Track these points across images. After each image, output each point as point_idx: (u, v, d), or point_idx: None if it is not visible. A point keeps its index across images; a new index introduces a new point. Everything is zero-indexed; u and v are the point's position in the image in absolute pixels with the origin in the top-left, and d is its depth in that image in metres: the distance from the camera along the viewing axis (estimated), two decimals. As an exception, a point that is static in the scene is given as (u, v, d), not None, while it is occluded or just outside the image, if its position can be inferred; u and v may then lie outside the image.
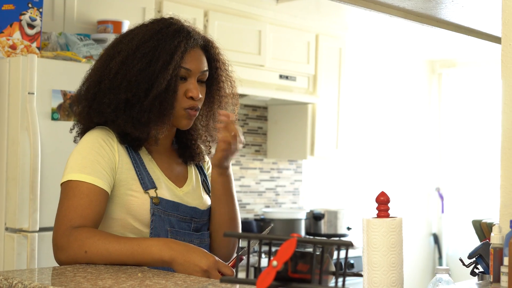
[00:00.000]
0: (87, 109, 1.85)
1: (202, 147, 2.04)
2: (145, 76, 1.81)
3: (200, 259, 1.67)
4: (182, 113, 1.87)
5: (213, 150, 2.05)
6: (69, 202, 1.75)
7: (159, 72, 1.81)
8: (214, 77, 1.96)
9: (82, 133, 1.90)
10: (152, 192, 1.83)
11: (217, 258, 1.71)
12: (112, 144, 1.83)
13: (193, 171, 2.01)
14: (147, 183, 1.84)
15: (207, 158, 2.10)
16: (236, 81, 2.05)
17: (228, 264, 1.81)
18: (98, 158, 1.79)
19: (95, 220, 1.76)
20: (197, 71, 1.88)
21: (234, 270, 1.69)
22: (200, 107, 1.92)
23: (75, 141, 1.94)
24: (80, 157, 1.80)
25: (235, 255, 1.99)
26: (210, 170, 2.08)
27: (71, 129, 1.95)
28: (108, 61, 1.87)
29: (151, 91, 1.80)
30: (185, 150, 2.00)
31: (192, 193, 1.95)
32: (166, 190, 1.88)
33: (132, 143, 1.85)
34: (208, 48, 1.95)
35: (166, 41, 1.84)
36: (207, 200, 2.00)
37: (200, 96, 1.88)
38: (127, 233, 1.83)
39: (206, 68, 1.91)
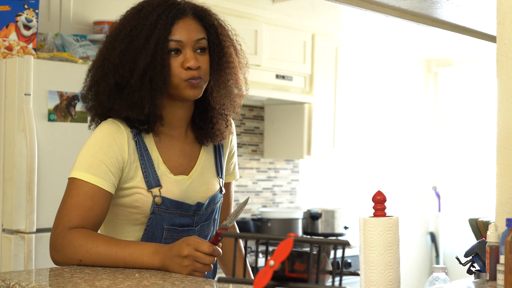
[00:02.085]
0: (90, 102, 1.85)
1: (221, 125, 1.95)
2: (129, 55, 1.78)
3: (178, 249, 1.66)
4: (183, 84, 1.81)
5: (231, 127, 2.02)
6: (71, 201, 1.75)
7: (142, 48, 1.78)
8: (216, 44, 1.89)
9: (97, 124, 1.88)
10: (155, 191, 1.82)
11: (195, 239, 1.67)
12: (122, 141, 1.80)
13: (205, 153, 1.96)
14: (151, 181, 1.81)
15: (233, 139, 2.06)
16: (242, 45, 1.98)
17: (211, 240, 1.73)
18: (105, 158, 1.77)
19: (95, 222, 1.76)
20: (189, 41, 1.82)
21: (213, 247, 1.66)
22: (203, 77, 1.84)
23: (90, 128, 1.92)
24: (89, 154, 1.78)
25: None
26: (233, 149, 2.06)
27: (89, 126, 1.91)
28: (98, 51, 1.89)
29: (135, 69, 1.78)
30: (200, 131, 1.94)
31: (199, 179, 1.91)
32: (172, 183, 1.85)
33: (140, 125, 1.82)
34: (202, 16, 1.88)
35: (147, 17, 1.81)
36: (215, 185, 1.96)
37: (199, 65, 1.82)
38: (130, 224, 1.83)
39: (201, 36, 1.85)
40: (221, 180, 2.00)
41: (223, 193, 2.02)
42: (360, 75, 5.89)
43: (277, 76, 4.61)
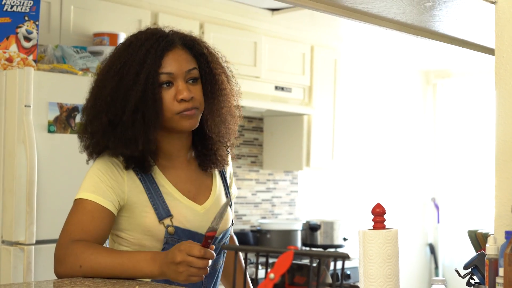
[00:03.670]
0: (87, 141, 1.86)
1: (222, 151, 1.96)
2: (119, 93, 1.78)
3: (172, 256, 1.65)
4: (176, 117, 1.81)
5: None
6: (72, 218, 1.78)
7: (132, 85, 1.77)
8: (207, 72, 1.89)
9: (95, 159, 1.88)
10: (167, 221, 1.81)
11: (187, 243, 1.66)
12: (122, 169, 1.82)
13: (217, 181, 1.97)
14: (161, 212, 1.81)
15: (230, 164, 2.06)
16: (233, 71, 1.98)
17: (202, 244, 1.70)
18: (104, 178, 1.79)
19: (97, 235, 1.76)
20: (180, 72, 1.82)
21: (204, 249, 1.64)
22: (198, 106, 1.84)
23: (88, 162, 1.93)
24: (88, 177, 1.82)
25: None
26: (231, 177, 2.06)
27: (87, 161, 1.91)
28: (90, 89, 1.89)
29: (127, 106, 1.77)
30: (203, 158, 1.94)
31: (214, 209, 1.90)
32: (185, 209, 1.84)
33: (139, 166, 1.82)
34: (191, 46, 1.88)
35: (136, 53, 1.80)
36: (229, 218, 1.96)
37: (192, 96, 1.81)
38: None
39: (192, 66, 1.85)
40: (232, 211, 2.00)
41: (233, 225, 2.02)
42: (359, 87, 5.90)
43: (276, 88, 4.63)
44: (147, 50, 1.80)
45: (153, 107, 1.78)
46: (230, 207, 2.01)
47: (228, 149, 2.00)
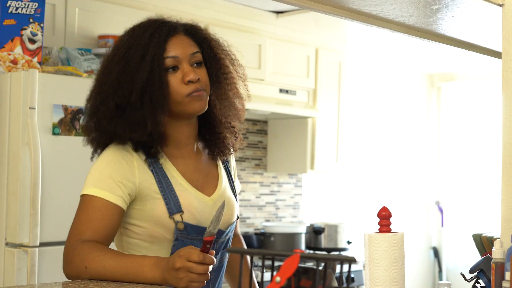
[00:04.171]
0: (92, 133, 1.85)
1: (231, 138, 1.97)
2: (126, 76, 1.79)
3: (173, 262, 1.65)
4: (186, 99, 1.82)
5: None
6: (81, 216, 1.76)
7: (138, 67, 1.79)
8: (211, 57, 1.91)
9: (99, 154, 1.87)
10: (177, 217, 1.81)
11: (187, 249, 1.66)
12: (131, 160, 1.81)
13: (223, 172, 1.98)
14: (172, 207, 1.81)
15: (233, 161, 2.06)
16: (236, 54, 1.99)
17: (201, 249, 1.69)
18: (113, 173, 1.78)
19: (106, 234, 1.76)
20: (184, 55, 1.84)
21: (203, 255, 1.63)
22: (205, 88, 1.85)
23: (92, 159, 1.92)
24: (97, 171, 1.80)
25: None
26: (235, 170, 2.07)
27: (91, 158, 1.91)
28: (95, 79, 1.89)
29: (134, 88, 1.78)
30: (212, 147, 1.95)
31: (220, 201, 1.90)
32: (195, 200, 1.84)
33: (147, 149, 1.82)
34: (193, 32, 1.90)
35: (140, 38, 1.82)
36: (234, 206, 1.96)
37: (198, 77, 1.83)
38: (153, 243, 1.82)
39: (195, 50, 1.87)
40: (237, 204, 2.00)
41: (239, 218, 2.02)
42: (363, 90, 5.90)
43: (281, 91, 4.62)
44: (151, 34, 1.83)
45: (159, 90, 1.79)
46: (236, 198, 2.01)
47: (236, 135, 2.00)
